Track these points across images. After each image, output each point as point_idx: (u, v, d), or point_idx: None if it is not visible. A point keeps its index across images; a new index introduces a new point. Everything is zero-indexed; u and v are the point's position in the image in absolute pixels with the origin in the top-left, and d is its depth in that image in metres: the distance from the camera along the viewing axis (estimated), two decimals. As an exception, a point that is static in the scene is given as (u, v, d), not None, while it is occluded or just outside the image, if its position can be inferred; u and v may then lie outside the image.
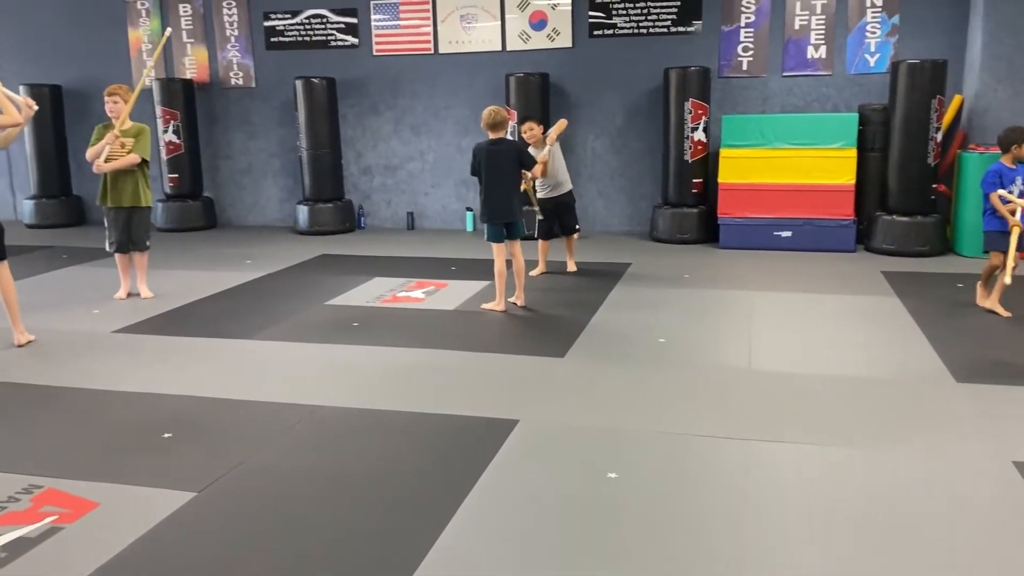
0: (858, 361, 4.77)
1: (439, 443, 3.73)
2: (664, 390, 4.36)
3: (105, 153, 6.06)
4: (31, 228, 10.09)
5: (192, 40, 9.97)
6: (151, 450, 3.67)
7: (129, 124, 6.18)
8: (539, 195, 6.96)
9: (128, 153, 6.10)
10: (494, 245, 5.92)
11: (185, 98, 9.69)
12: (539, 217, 6.96)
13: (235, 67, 9.92)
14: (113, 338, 5.46)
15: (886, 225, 7.82)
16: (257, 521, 3.07)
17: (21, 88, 9.89)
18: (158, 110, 9.61)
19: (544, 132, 6.93)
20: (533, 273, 6.96)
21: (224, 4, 9.77)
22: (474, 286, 6.66)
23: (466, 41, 9.21)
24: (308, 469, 3.48)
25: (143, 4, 10.01)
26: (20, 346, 5.22)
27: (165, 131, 9.61)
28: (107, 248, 6.44)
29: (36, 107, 5.57)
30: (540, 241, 7.10)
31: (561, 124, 6.95)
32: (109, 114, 6.18)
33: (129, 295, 6.46)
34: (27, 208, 10.28)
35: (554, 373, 4.65)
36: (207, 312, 6.09)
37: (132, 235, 6.35)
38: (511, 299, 6.04)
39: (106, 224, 6.38)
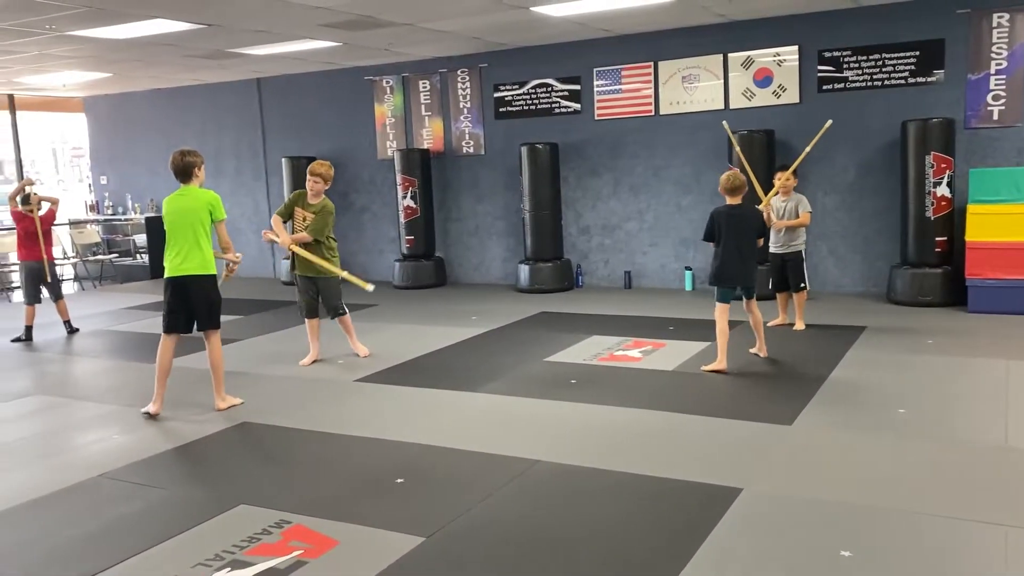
0: None
1: (658, 507, 3.67)
2: (904, 465, 4.03)
3: (282, 233, 6.27)
4: (286, 285, 11.19)
5: (429, 113, 10.76)
6: (385, 494, 3.91)
7: (321, 200, 6.35)
8: (771, 249, 7.09)
9: (305, 230, 6.30)
10: (719, 305, 5.84)
11: (422, 166, 10.45)
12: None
13: (467, 136, 10.57)
14: (355, 387, 5.91)
15: None
16: (481, 569, 3.16)
17: (283, 160, 11.18)
18: (398, 178, 10.42)
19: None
20: (771, 324, 7.03)
21: (459, 79, 10.49)
22: (693, 347, 6.54)
23: (687, 101, 9.22)
24: (528, 522, 3.55)
25: (387, 82, 10.97)
26: (220, 410, 5.36)
27: (404, 196, 10.39)
28: (300, 313, 6.70)
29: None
30: (777, 294, 7.26)
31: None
32: (309, 191, 6.36)
33: (315, 361, 6.56)
34: (284, 267, 11.43)
35: (781, 440, 4.44)
36: (438, 364, 6.43)
37: (324, 303, 6.51)
38: (753, 350, 6.03)
39: (297, 291, 6.67)
